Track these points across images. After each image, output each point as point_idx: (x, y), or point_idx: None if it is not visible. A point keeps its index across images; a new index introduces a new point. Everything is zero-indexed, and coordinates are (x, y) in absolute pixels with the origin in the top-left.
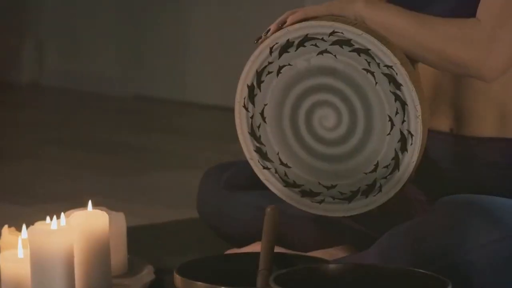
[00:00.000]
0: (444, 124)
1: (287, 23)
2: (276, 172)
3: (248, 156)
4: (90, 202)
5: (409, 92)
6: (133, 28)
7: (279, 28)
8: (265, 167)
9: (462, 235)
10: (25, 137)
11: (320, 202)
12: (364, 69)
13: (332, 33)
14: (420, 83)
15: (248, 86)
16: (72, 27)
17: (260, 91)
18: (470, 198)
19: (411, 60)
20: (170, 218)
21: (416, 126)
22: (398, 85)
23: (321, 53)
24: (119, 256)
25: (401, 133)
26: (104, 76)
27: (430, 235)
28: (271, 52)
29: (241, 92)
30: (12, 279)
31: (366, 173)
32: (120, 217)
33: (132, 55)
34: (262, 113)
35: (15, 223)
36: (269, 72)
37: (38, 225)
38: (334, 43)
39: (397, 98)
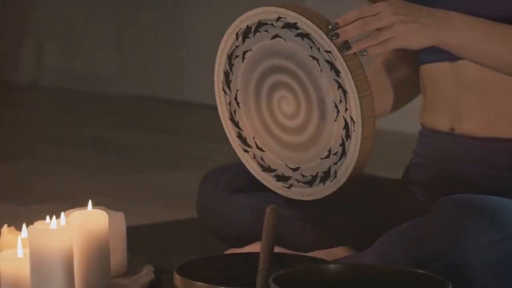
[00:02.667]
0: (444, 123)
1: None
2: (254, 157)
3: (230, 139)
4: (90, 202)
5: (348, 80)
6: (131, 28)
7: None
8: (245, 151)
9: (461, 235)
10: (24, 137)
11: (290, 186)
12: (310, 55)
13: (278, 18)
14: (360, 70)
15: (224, 72)
16: (71, 27)
17: (233, 74)
18: (469, 198)
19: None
20: (170, 217)
21: (357, 114)
22: (337, 72)
23: (274, 37)
24: (118, 255)
25: (345, 120)
26: (102, 75)
27: (429, 235)
28: (237, 37)
29: (218, 78)
30: (12, 278)
31: (321, 159)
32: (120, 217)
33: (130, 55)
34: (236, 99)
35: (14, 223)
36: (236, 56)
37: (38, 224)
38: (283, 27)
39: (339, 85)
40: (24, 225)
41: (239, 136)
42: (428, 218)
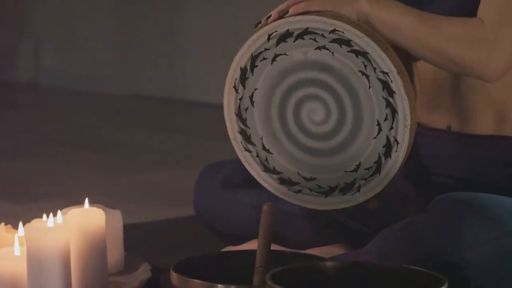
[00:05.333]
0: (442, 121)
1: (289, 14)
2: (257, 156)
3: (231, 136)
4: (86, 200)
5: (401, 101)
6: (130, 27)
7: (280, 16)
8: (246, 149)
9: (459, 232)
10: (22, 136)
11: (297, 192)
12: (360, 71)
13: (333, 31)
14: (412, 93)
15: (241, 68)
16: (69, 27)
17: (253, 75)
18: (467, 196)
19: (413, 58)
20: (167, 215)
21: (404, 135)
22: (391, 92)
23: (319, 48)
24: (115, 253)
25: (387, 139)
26: (101, 75)
27: (427, 232)
28: (269, 39)
29: (233, 73)
30: (9, 276)
31: (346, 172)
32: (117, 215)
33: (129, 54)
34: (251, 97)
35: (11, 221)
36: (264, 58)
37: (35, 222)
38: (333, 41)
39: (388, 104)
40: (21, 223)
41: (243, 132)
42: (425, 216)
